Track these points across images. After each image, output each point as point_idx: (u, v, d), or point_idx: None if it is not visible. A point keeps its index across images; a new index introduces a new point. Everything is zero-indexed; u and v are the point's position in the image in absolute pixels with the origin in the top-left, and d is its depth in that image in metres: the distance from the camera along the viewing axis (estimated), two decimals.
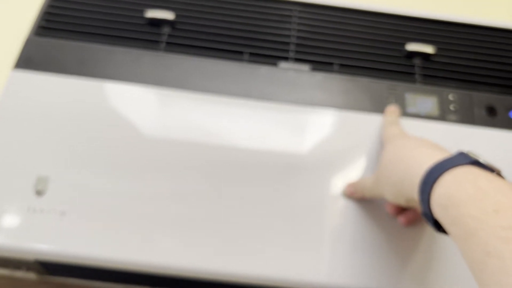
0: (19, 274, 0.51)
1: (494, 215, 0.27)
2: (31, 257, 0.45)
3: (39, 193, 0.46)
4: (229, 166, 0.48)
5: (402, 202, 0.40)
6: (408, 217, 0.45)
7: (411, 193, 0.37)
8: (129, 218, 0.45)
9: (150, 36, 0.56)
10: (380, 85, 0.55)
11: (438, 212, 0.32)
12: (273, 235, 0.46)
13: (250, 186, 0.48)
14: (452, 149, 0.41)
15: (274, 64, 0.55)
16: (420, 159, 0.36)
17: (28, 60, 0.53)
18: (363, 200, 0.48)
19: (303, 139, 0.50)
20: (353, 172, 0.49)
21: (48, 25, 0.56)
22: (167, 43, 0.56)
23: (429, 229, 0.47)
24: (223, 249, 0.45)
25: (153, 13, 0.56)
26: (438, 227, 0.34)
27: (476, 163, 0.33)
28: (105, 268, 0.46)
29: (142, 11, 0.57)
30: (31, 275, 0.51)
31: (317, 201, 0.47)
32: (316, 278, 0.44)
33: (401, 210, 0.46)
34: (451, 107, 0.54)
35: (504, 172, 0.33)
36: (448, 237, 0.32)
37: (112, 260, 0.44)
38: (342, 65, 0.56)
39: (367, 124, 0.52)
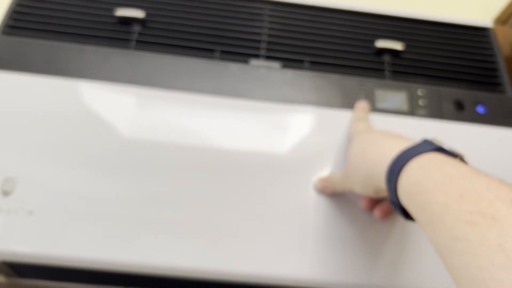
0: None
1: (460, 200, 0.28)
2: None
3: (5, 193, 0.45)
4: (202, 164, 0.48)
5: (371, 193, 0.41)
6: (382, 210, 0.45)
7: (379, 183, 0.37)
8: (99, 216, 0.45)
9: (121, 35, 0.56)
10: (350, 82, 0.55)
11: (405, 199, 0.33)
12: (253, 233, 0.45)
13: (224, 184, 0.47)
14: None
15: (245, 62, 0.56)
16: (386, 149, 0.37)
17: None
18: (335, 194, 0.48)
19: (275, 136, 0.50)
20: (326, 167, 0.49)
21: (16, 24, 0.55)
22: (138, 41, 0.55)
23: (402, 222, 0.47)
24: (202, 248, 0.44)
25: (123, 12, 0.56)
26: (406, 214, 0.35)
27: (440, 149, 0.33)
28: (75, 268, 0.45)
29: (112, 10, 0.57)
30: None
31: (294, 198, 0.47)
32: (299, 275, 0.44)
33: (375, 203, 0.46)
34: (420, 102, 0.55)
35: (472, 164, 0.34)
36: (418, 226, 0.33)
37: (82, 259, 0.44)
38: (312, 62, 0.57)
39: (339, 120, 0.52)
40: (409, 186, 0.32)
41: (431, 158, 0.32)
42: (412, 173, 0.32)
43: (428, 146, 0.34)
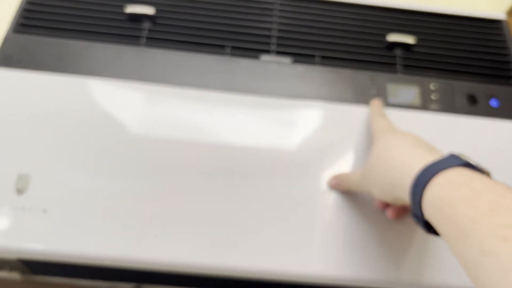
0: (2, 274, 0.50)
1: (490, 214, 0.27)
2: (13, 256, 0.45)
3: (19, 191, 0.45)
4: (213, 161, 0.48)
5: (388, 200, 0.40)
6: (395, 210, 0.45)
7: (401, 194, 0.36)
8: (112, 213, 0.45)
9: (131, 31, 0.56)
10: (362, 76, 0.55)
11: (430, 213, 0.32)
12: (264, 229, 0.45)
13: (236, 180, 0.47)
14: (435, 138, 0.40)
15: (256, 57, 0.55)
16: (411, 161, 0.36)
17: (8, 57, 0.52)
18: (348, 193, 0.47)
19: (287, 132, 0.50)
20: (339, 164, 0.49)
21: (27, 22, 0.55)
22: (148, 38, 0.55)
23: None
24: (213, 244, 0.44)
25: (133, 8, 0.56)
26: (429, 228, 0.34)
27: (467, 164, 0.33)
28: (89, 265, 0.45)
29: (122, 7, 0.57)
30: (14, 275, 0.50)
31: (305, 194, 0.47)
32: (308, 271, 0.44)
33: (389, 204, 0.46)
34: (433, 97, 0.54)
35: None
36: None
37: (96, 256, 0.44)
38: (323, 57, 0.56)
39: (350, 115, 0.52)
40: (435, 201, 0.31)
41: (458, 173, 0.31)
42: (439, 188, 0.31)
43: (455, 161, 0.33)
